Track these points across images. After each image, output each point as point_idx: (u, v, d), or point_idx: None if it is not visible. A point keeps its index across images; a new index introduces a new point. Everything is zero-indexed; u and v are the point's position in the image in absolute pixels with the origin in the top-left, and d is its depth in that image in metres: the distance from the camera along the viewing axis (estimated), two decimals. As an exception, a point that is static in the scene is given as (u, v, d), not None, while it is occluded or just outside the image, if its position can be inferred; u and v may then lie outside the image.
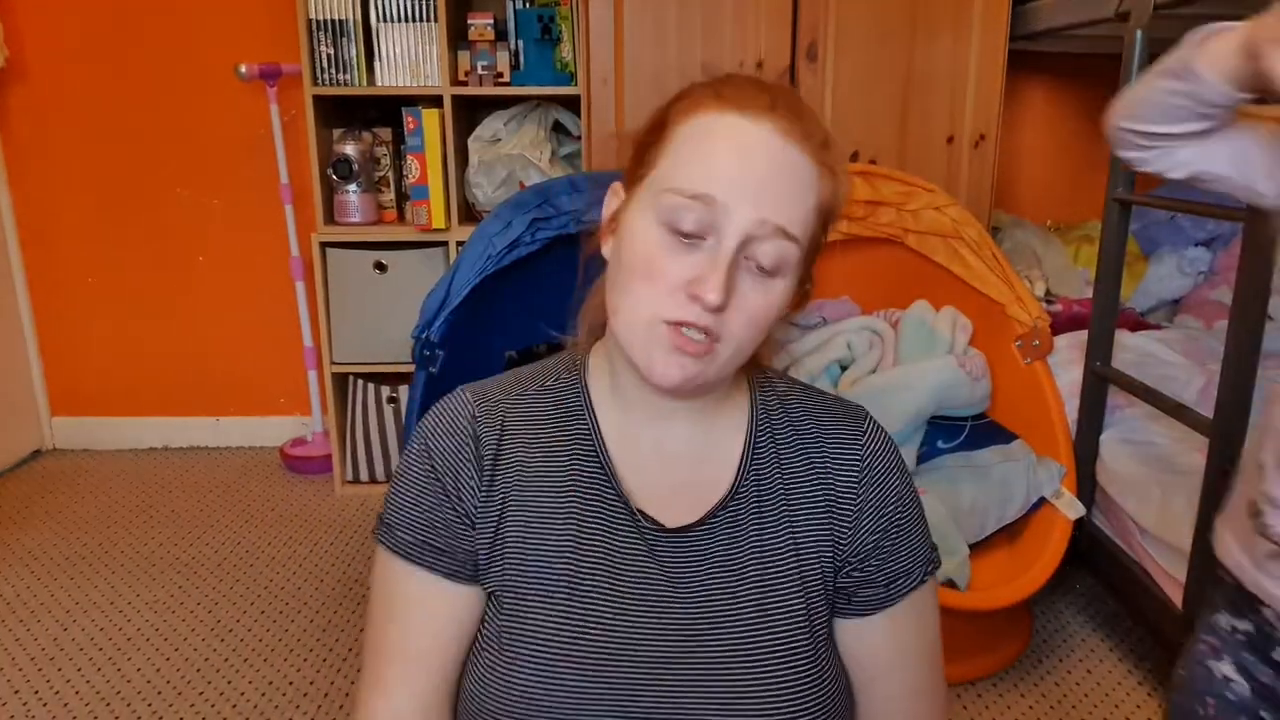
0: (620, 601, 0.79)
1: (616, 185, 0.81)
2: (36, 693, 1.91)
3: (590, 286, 0.84)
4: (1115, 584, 1.95)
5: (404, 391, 2.75)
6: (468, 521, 0.81)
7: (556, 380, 0.86)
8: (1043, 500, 1.96)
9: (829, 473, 0.83)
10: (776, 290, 0.74)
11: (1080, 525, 1.93)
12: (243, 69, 2.61)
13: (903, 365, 2.11)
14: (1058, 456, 1.97)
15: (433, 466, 0.82)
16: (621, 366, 0.81)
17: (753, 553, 0.81)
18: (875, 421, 0.87)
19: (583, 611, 0.78)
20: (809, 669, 0.79)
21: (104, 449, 3.12)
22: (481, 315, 1.94)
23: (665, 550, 0.80)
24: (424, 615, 0.81)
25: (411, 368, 1.88)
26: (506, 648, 0.78)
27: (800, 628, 0.80)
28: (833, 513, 0.82)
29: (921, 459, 2.10)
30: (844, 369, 2.17)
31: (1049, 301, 2.55)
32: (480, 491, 0.81)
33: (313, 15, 2.52)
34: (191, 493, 2.80)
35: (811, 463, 0.83)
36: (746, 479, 0.82)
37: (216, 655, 2.02)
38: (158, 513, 2.68)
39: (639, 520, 0.80)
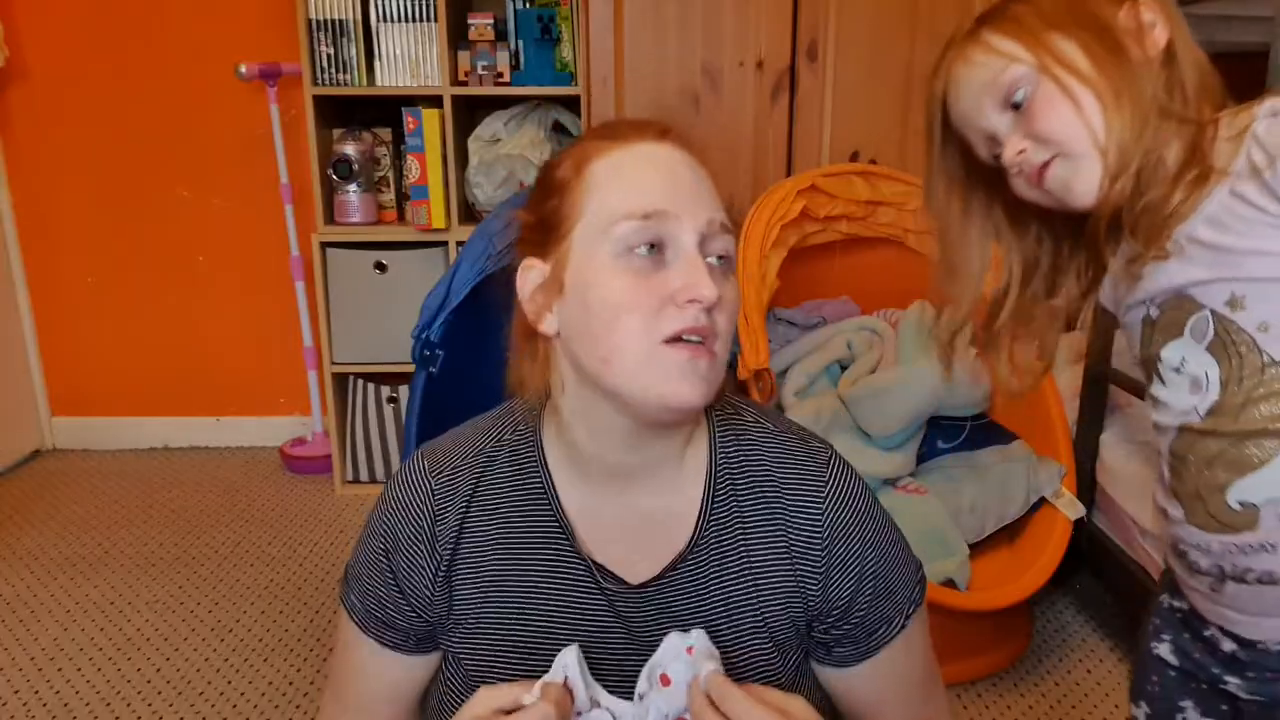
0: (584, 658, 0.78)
1: (527, 263, 0.78)
2: (36, 693, 1.91)
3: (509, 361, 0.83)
4: (1115, 584, 1.95)
5: (404, 391, 2.74)
6: (416, 608, 0.83)
7: (513, 434, 0.84)
8: (1043, 500, 1.95)
9: (791, 525, 0.81)
10: (730, 294, 0.76)
11: (1080, 525, 1.92)
12: (243, 69, 2.61)
13: (902, 365, 2.11)
14: (1058, 456, 1.97)
15: (386, 554, 0.84)
16: (580, 436, 0.79)
17: (715, 604, 0.79)
18: (838, 462, 0.84)
19: (545, 667, 0.76)
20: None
21: (104, 449, 3.12)
22: (481, 315, 1.94)
23: (626, 606, 0.80)
24: (373, 678, 0.87)
25: (411, 368, 1.87)
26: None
27: (772, 677, 0.78)
28: (797, 566, 0.80)
29: (921, 459, 2.10)
30: (844, 369, 2.17)
31: (1049, 301, 2.54)
32: (435, 578, 0.82)
33: (313, 15, 2.52)
34: (191, 493, 2.80)
35: (772, 512, 0.81)
36: (706, 530, 0.81)
37: (216, 655, 2.02)
38: (158, 513, 2.68)
39: (598, 579, 0.80)
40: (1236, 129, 0.78)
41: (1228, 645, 0.88)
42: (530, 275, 0.78)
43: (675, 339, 0.72)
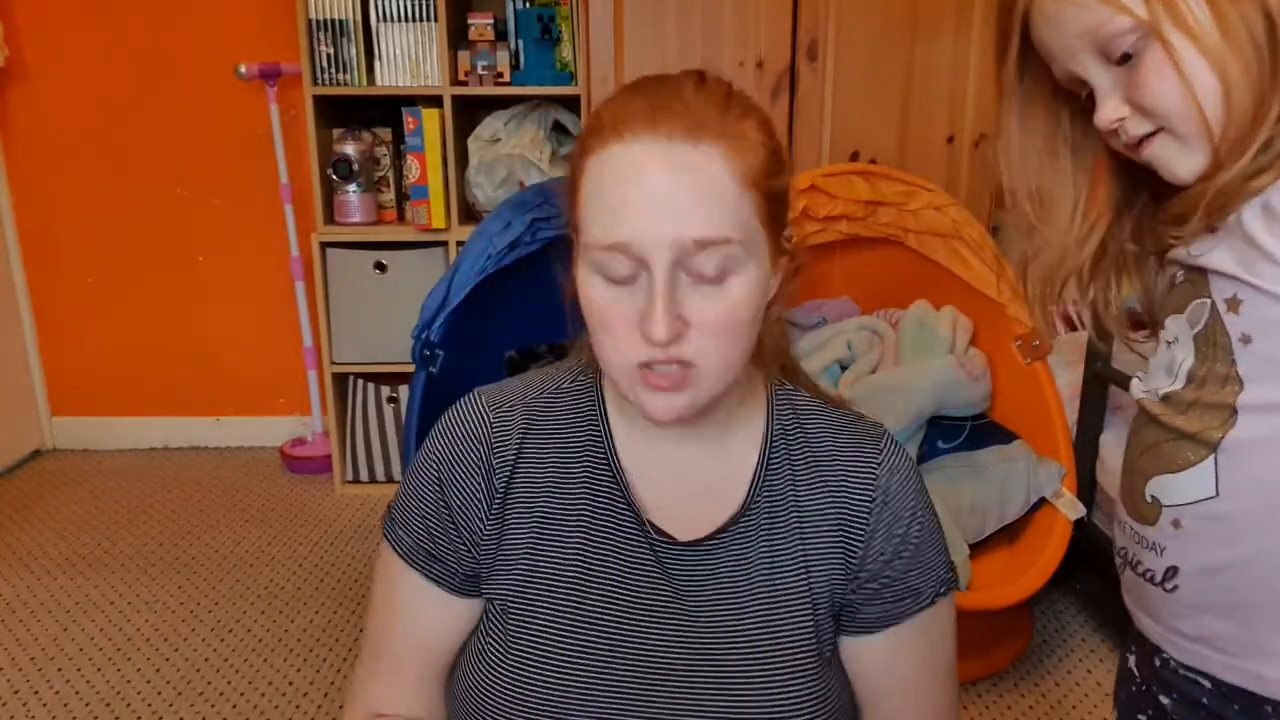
0: (627, 612, 0.78)
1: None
2: (36, 693, 1.91)
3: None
4: (1115, 584, 1.95)
5: (404, 391, 2.74)
6: (467, 542, 0.81)
7: (573, 383, 0.85)
8: (1043, 500, 1.96)
9: (843, 492, 0.81)
10: (736, 291, 0.71)
11: (1080, 525, 1.92)
12: (242, 69, 2.61)
13: (903, 365, 2.11)
14: (1058, 457, 1.97)
15: (440, 477, 0.81)
16: (614, 383, 0.79)
17: (763, 568, 0.80)
18: (894, 441, 0.85)
19: (589, 620, 0.78)
20: (814, 685, 0.79)
21: (104, 449, 3.11)
22: (482, 315, 1.94)
23: (675, 563, 0.80)
24: (415, 617, 0.83)
25: (411, 368, 1.88)
26: (512, 652, 0.78)
27: (808, 644, 0.79)
28: (845, 532, 0.81)
29: (921, 459, 2.10)
30: (844, 369, 2.17)
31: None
32: (489, 510, 0.80)
33: (313, 15, 2.52)
34: (191, 493, 2.80)
35: (826, 481, 0.82)
36: (759, 495, 0.81)
37: (216, 655, 2.02)
38: (158, 513, 2.68)
39: (649, 532, 0.80)
40: None
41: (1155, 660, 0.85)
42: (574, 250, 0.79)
43: (647, 365, 0.71)
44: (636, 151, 0.69)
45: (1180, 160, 0.70)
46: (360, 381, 2.78)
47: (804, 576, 0.80)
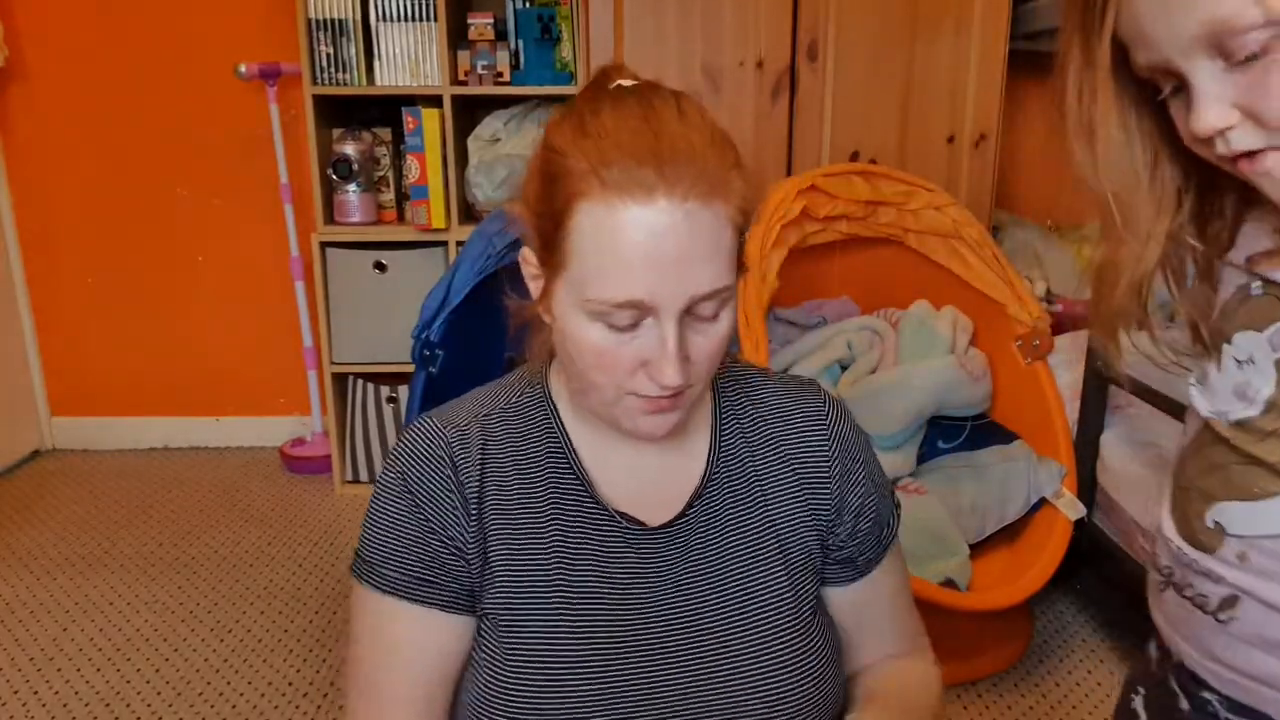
0: (615, 603, 0.80)
1: (528, 254, 0.77)
2: (36, 693, 1.91)
3: (525, 316, 0.82)
4: (1116, 584, 1.95)
5: (404, 391, 2.74)
6: (455, 551, 0.80)
7: (520, 396, 0.85)
8: (1043, 500, 1.95)
9: (798, 449, 0.85)
10: (725, 322, 0.75)
11: (1081, 525, 1.92)
12: (242, 69, 2.61)
13: (903, 365, 2.11)
14: (1058, 457, 1.97)
15: (413, 498, 0.80)
16: (590, 402, 0.80)
17: (734, 538, 0.83)
18: (831, 396, 0.90)
19: (580, 618, 0.79)
20: (797, 642, 0.82)
21: (104, 449, 3.11)
22: (482, 315, 1.94)
23: (650, 548, 0.82)
24: (417, 654, 0.80)
25: (411, 368, 1.88)
26: (509, 663, 0.78)
27: (786, 605, 0.82)
28: (809, 488, 0.85)
29: (921, 459, 2.10)
30: (844, 369, 2.16)
31: (1049, 301, 2.55)
32: (467, 519, 0.80)
33: (312, 15, 2.52)
34: (191, 493, 2.80)
35: (779, 443, 0.86)
36: (717, 468, 0.84)
37: (216, 655, 2.02)
38: (158, 513, 2.68)
39: (621, 523, 0.82)
40: None
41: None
42: (529, 269, 0.79)
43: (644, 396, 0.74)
44: (647, 216, 0.68)
45: None
46: (360, 381, 2.78)
47: (773, 538, 0.83)
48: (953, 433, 2.10)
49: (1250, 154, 0.60)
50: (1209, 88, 0.60)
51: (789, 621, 0.82)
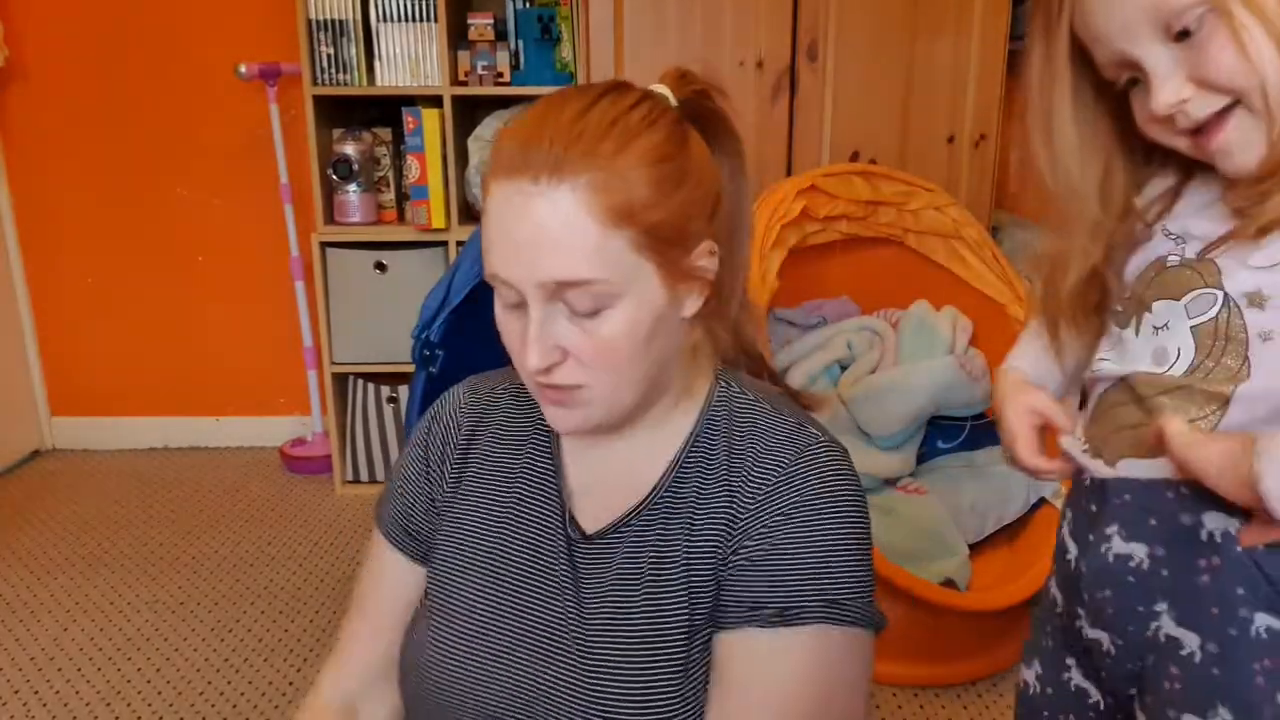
0: (533, 592, 0.82)
1: None
2: (36, 693, 1.91)
3: None
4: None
5: (404, 391, 2.74)
6: (433, 502, 0.89)
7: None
8: (1043, 500, 1.96)
9: (739, 488, 0.77)
10: (610, 324, 0.72)
11: (1080, 525, 1.92)
12: (243, 69, 2.61)
13: (903, 365, 2.11)
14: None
15: (427, 441, 0.90)
16: None
17: (650, 566, 0.79)
18: (830, 452, 0.78)
19: (500, 595, 0.83)
20: (677, 687, 0.76)
21: (104, 449, 3.11)
22: (482, 315, 1.93)
23: (580, 554, 0.82)
24: (389, 587, 0.93)
25: (411, 368, 1.88)
26: (436, 617, 0.85)
27: (679, 647, 0.76)
28: (730, 523, 0.77)
29: (921, 459, 2.10)
30: (844, 369, 2.17)
31: (1049, 301, 2.54)
32: (450, 473, 0.88)
33: (313, 15, 2.52)
34: (191, 493, 2.80)
35: (729, 483, 0.78)
36: (664, 494, 0.81)
37: (216, 655, 2.02)
38: (158, 513, 2.68)
39: (566, 522, 0.83)
40: None
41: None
42: None
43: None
44: (509, 189, 0.71)
45: (1253, 144, 0.67)
46: (360, 381, 2.78)
47: (684, 577, 0.77)
48: (952, 433, 2.10)
49: (1212, 120, 0.68)
50: (1161, 67, 0.68)
51: (675, 667, 0.76)
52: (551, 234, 0.69)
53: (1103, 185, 0.78)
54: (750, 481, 0.77)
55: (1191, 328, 0.73)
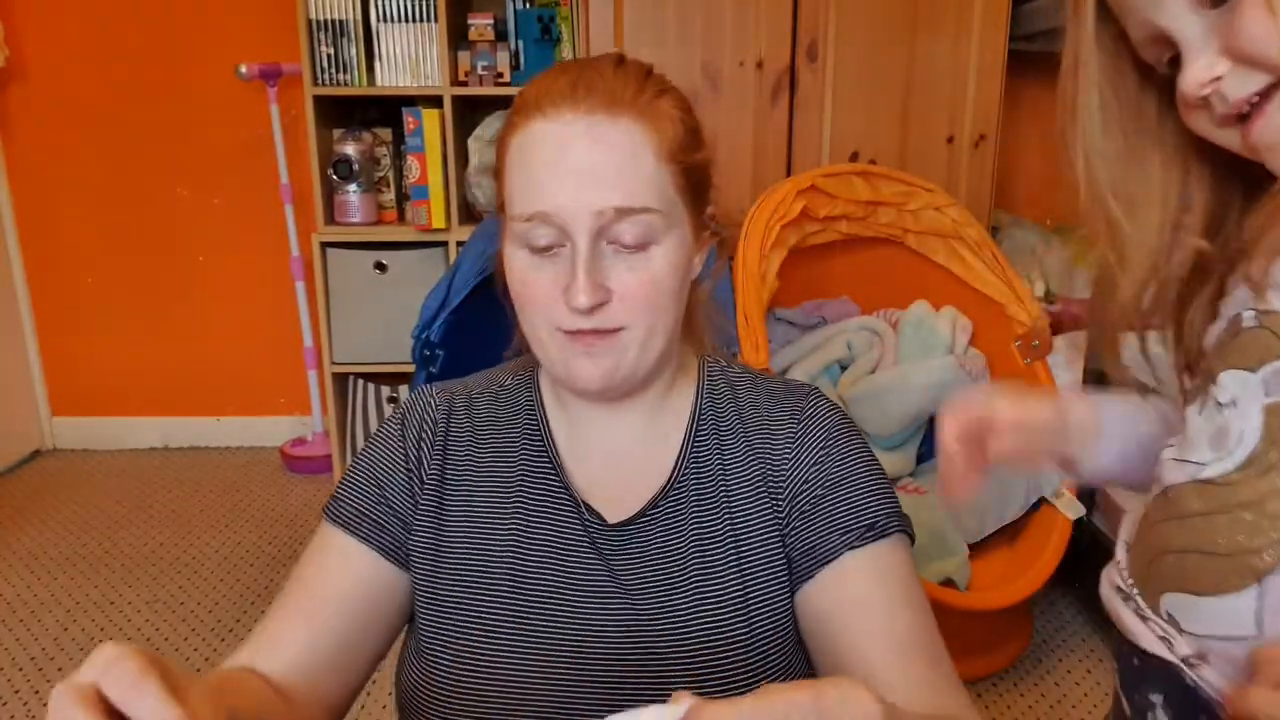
0: (563, 594, 0.79)
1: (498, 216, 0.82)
2: (37, 692, 1.91)
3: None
4: (1115, 584, 1.95)
5: (404, 391, 2.75)
6: (411, 498, 0.82)
7: (513, 379, 0.88)
8: (1043, 500, 1.96)
9: (764, 446, 0.82)
10: (657, 260, 0.74)
11: (1080, 525, 1.93)
12: (243, 69, 2.61)
13: (903, 365, 2.11)
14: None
15: (404, 433, 0.85)
16: (542, 359, 0.81)
17: (692, 543, 0.80)
18: (823, 397, 0.86)
19: (526, 605, 0.79)
20: (744, 657, 0.77)
21: (104, 449, 3.12)
22: (482, 315, 1.94)
23: (608, 544, 0.80)
24: (335, 576, 0.80)
25: (411, 368, 1.88)
26: (454, 643, 0.79)
27: (736, 616, 0.78)
28: (769, 485, 0.81)
29: (921, 459, 2.10)
30: (844, 369, 2.17)
31: (1049, 301, 2.55)
32: (432, 474, 0.83)
33: (313, 15, 2.52)
34: (191, 493, 2.80)
35: (750, 443, 0.82)
36: (686, 470, 0.82)
37: (217, 655, 2.02)
38: (158, 513, 2.68)
39: (584, 514, 0.81)
40: None
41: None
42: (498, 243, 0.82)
43: (571, 331, 0.74)
44: (559, 125, 0.73)
45: None
46: (360, 381, 2.78)
47: (731, 544, 0.80)
48: (952, 433, 2.10)
49: (1252, 108, 0.55)
50: (1193, 37, 0.56)
51: (739, 636, 0.77)
52: (615, 161, 0.72)
53: (1164, 200, 0.63)
54: (775, 436, 0.82)
55: (1265, 407, 0.56)
